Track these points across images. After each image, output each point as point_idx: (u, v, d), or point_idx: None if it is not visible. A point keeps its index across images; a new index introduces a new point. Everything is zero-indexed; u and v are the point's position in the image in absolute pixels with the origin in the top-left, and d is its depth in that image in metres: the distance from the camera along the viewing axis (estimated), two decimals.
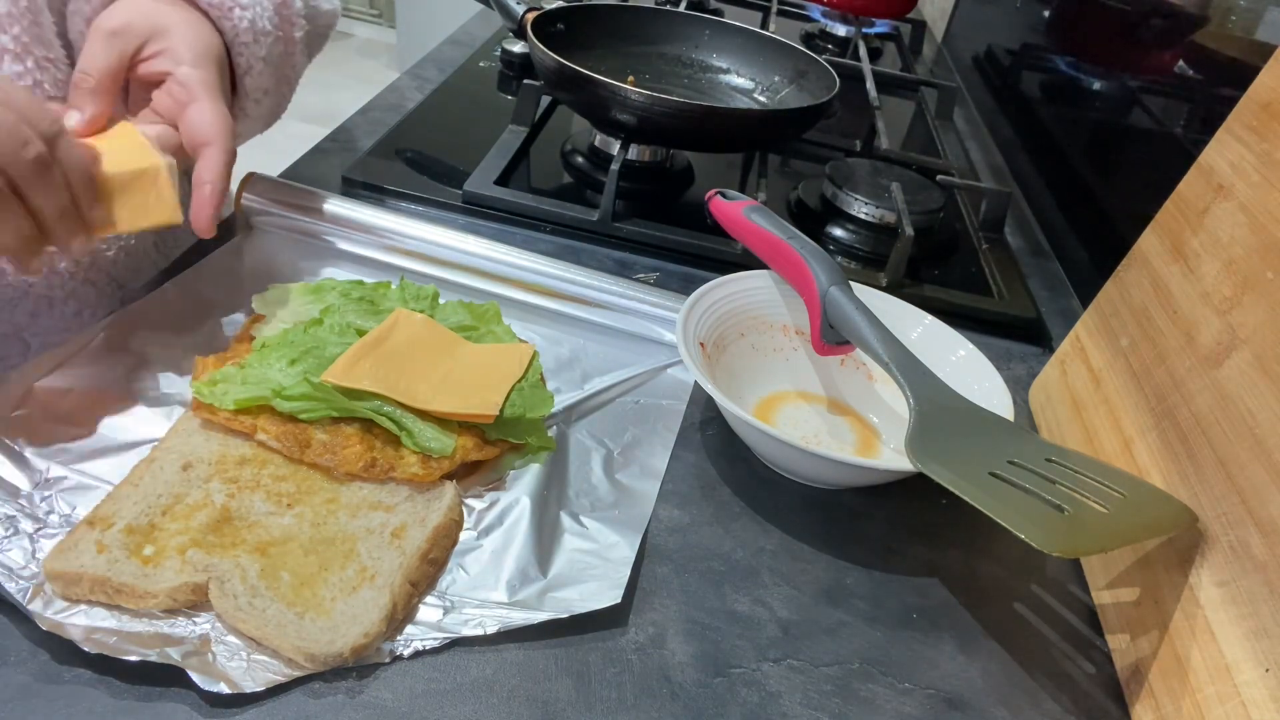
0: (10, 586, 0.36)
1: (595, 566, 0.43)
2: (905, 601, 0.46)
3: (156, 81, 0.50)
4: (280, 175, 0.67)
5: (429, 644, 0.38)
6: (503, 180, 0.74)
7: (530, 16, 0.80)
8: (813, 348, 0.56)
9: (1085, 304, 0.61)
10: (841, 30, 1.35)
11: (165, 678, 0.35)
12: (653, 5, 1.13)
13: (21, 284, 0.54)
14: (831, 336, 0.54)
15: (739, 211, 0.62)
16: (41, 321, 0.55)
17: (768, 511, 0.49)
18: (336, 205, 0.62)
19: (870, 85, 1.03)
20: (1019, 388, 0.63)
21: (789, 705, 0.40)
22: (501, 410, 0.47)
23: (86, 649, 0.35)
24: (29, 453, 0.42)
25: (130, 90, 0.52)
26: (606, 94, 0.69)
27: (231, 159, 0.49)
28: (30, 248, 0.42)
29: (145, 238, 0.62)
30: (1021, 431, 0.48)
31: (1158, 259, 0.52)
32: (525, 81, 0.81)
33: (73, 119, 0.47)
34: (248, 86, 0.56)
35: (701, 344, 0.54)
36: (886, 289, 0.66)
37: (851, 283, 0.55)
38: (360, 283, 0.55)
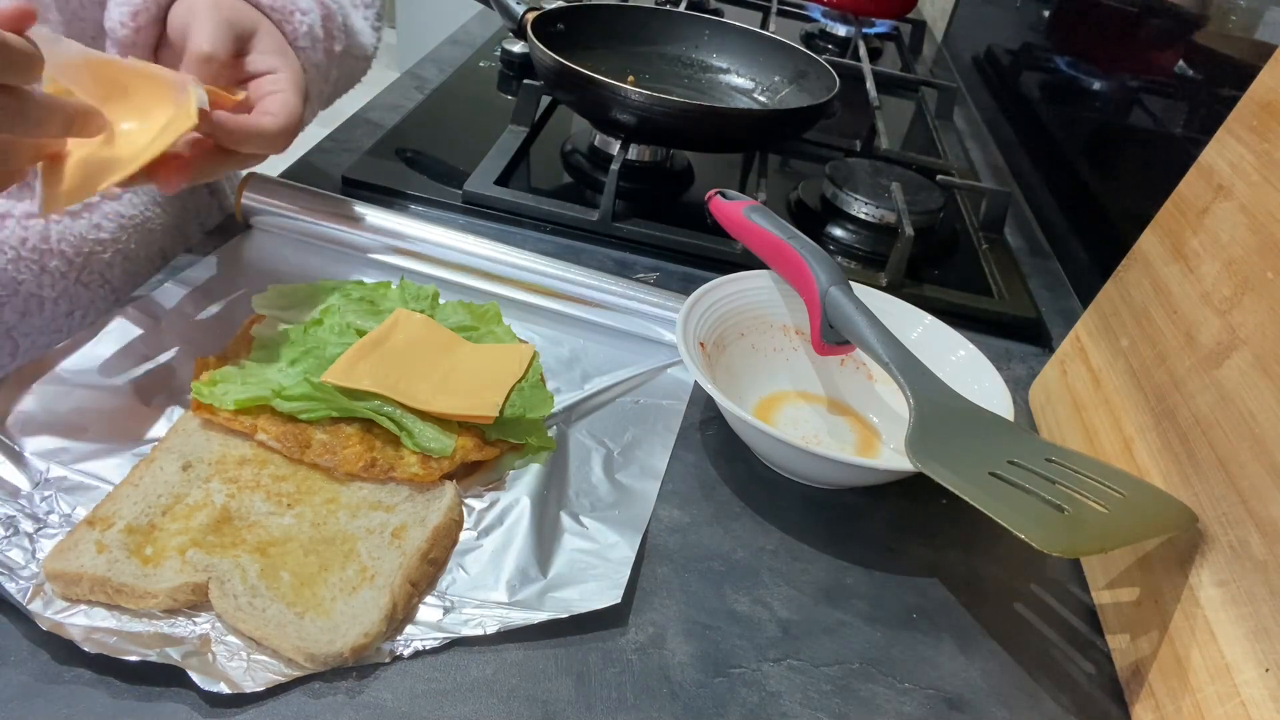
0: (10, 586, 0.36)
1: (595, 566, 0.43)
2: (905, 601, 0.46)
3: (251, 77, 0.51)
4: (280, 175, 0.67)
5: (429, 644, 0.38)
6: (503, 180, 0.74)
7: (530, 16, 0.80)
8: (813, 348, 0.56)
9: (1085, 304, 0.61)
10: (841, 30, 1.35)
11: (165, 678, 0.35)
12: (653, 5, 1.13)
13: (11, 282, 0.54)
14: (831, 336, 0.54)
15: (739, 211, 0.62)
16: (31, 321, 0.55)
17: (768, 511, 0.49)
18: (336, 205, 0.62)
19: (870, 85, 1.03)
20: (1019, 388, 0.63)
21: (789, 705, 0.40)
22: (501, 410, 0.47)
23: (86, 649, 0.35)
24: (29, 453, 0.42)
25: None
26: (606, 94, 0.69)
27: (272, 144, 0.49)
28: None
29: (148, 244, 0.62)
30: (1021, 431, 0.48)
31: (1158, 259, 0.52)
32: (525, 81, 0.81)
33: (201, 96, 0.45)
34: None
35: (701, 344, 0.54)
36: (886, 289, 0.66)
37: (851, 283, 0.55)
38: (360, 283, 0.55)
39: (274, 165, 0.68)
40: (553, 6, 0.83)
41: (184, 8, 0.50)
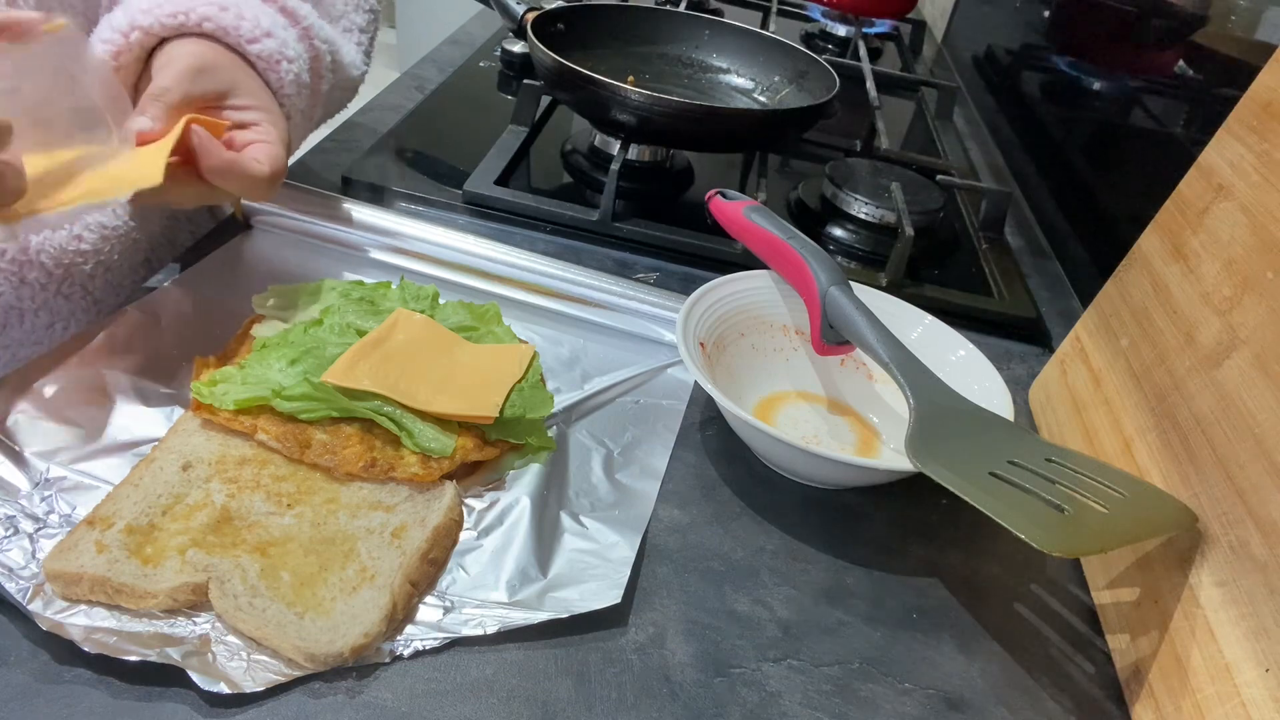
0: (10, 586, 0.36)
1: (595, 566, 0.43)
2: (905, 601, 0.46)
3: (238, 125, 0.52)
4: None
5: (429, 644, 0.38)
6: (503, 180, 0.74)
7: (530, 16, 0.80)
8: (813, 348, 0.56)
9: (1085, 304, 0.61)
10: (841, 30, 1.35)
11: (165, 678, 0.35)
12: (653, 5, 1.13)
13: None
14: (831, 336, 0.54)
15: (739, 211, 0.62)
16: (11, 334, 0.55)
17: (768, 511, 0.49)
18: (336, 205, 0.62)
19: (870, 85, 1.03)
20: (1019, 388, 0.63)
21: (789, 705, 0.40)
22: (501, 411, 0.47)
23: (86, 649, 0.35)
24: (29, 453, 0.42)
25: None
26: (606, 94, 0.69)
27: (256, 188, 0.50)
28: None
29: (132, 255, 0.61)
30: (1021, 431, 0.48)
31: (1158, 259, 0.52)
32: (525, 81, 0.81)
33: (142, 123, 0.47)
34: None
35: (701, 344, 0.54)
36: (886, 289, 0.66)
37: (851, 283, 0.55)
38: (360, 283, 0.55)
39: None
40: (553, 6, 0.83)
41: (166, 55, 0.51)
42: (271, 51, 0.54)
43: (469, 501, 0.45)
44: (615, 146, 0.74)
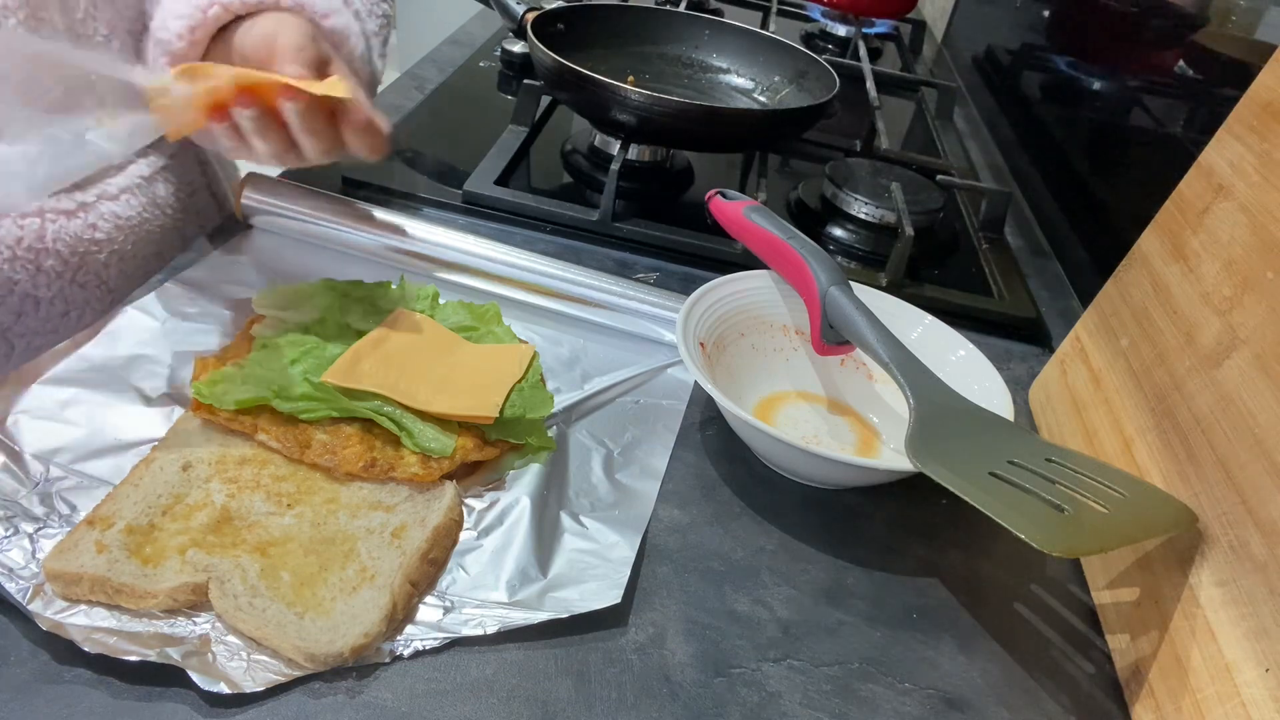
0: (10, 586, 0.36)
1: (595, 566, 0.43)
2: (905, 601, 0.46)
3: None
4: (280, 175, 0.66)
5: (429, 644, 0.38)
6: (503, 180, 0.74)
7: (530, 16, 0.80)
8: (813, 348, 0.56)
9: (1085, 304, 0.61)
10: (841, 30, 1.35)
11: (165, 678, 0.35)
12: (653, 5, 1.13)
13: (6, 282, 0.54)
14: (831, 336, 0.54)
15: (739, 211, 0.62)
16: (27, 321, 0.55)
17: (768, 511, 0.49)
18: (336, 205, 0.62)
19: (870, 85, 1.03)
20: (1019, 388, 0.63)
21: (789, 705, 0.40)
22: (501, 411, 0.47)
23: (86, 649, 0.35)
24: (29, 453, 0.42)
25: None
26: (606, 94, 0.69)
27: (378, 142, 0.53)
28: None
29: (145, 246, 0.61)
30: (1021, 431, 0.48)
31: (1158, 259, 0.52)
32: (525, 81, 0.81)
33: (294, 70, 0.49)
34: None
35: (701, 344, 0.54)
36: (886, 289, 0.66)
37: (851, 283, 0.55)
38: (360, 283, 0.55)
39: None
40: (553, 6, 0.83)
41: (270, 23, 0.52)
42: (342, 27, 0.55)
43: (469, 501, 0.45)
44: (615, 146, 0.74)
